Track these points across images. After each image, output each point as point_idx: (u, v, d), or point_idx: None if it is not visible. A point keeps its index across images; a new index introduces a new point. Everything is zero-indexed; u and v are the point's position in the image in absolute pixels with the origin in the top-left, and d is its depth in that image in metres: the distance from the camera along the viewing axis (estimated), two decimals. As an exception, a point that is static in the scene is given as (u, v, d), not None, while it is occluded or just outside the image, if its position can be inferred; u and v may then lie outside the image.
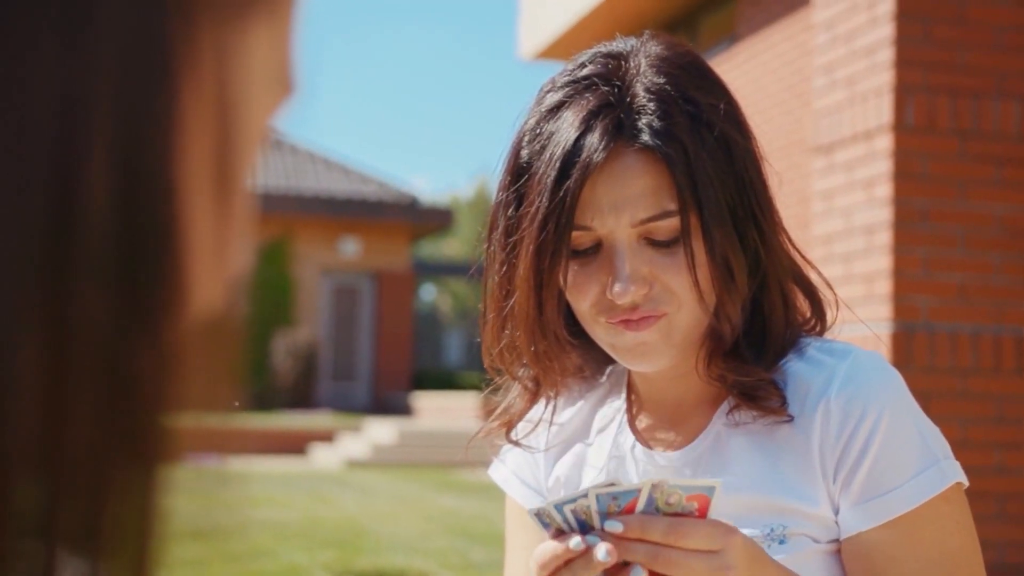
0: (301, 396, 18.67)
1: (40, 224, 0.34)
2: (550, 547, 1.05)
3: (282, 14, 0.41)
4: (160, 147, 0.36)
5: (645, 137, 1.13)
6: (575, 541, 1.03)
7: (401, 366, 20.51)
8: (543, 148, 1.16)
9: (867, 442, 1.16)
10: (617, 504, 1.04)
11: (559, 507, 1.05)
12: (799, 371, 1.20)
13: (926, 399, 4.64)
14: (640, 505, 1.04)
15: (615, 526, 1.03)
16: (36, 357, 0.34)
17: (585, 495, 1.04)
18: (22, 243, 0.34)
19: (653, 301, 1.15)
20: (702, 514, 1.04)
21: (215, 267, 0.40)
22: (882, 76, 4.88)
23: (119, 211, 0.35)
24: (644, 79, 1.16)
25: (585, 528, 1.05)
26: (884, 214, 4.84)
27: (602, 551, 1.02)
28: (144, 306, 0.36)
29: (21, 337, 0.34)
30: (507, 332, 1.23)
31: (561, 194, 1.13)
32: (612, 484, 1.04)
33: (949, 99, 4.87)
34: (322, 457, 14.51)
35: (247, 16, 0.39)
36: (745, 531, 1.14)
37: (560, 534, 1.05)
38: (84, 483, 0.35)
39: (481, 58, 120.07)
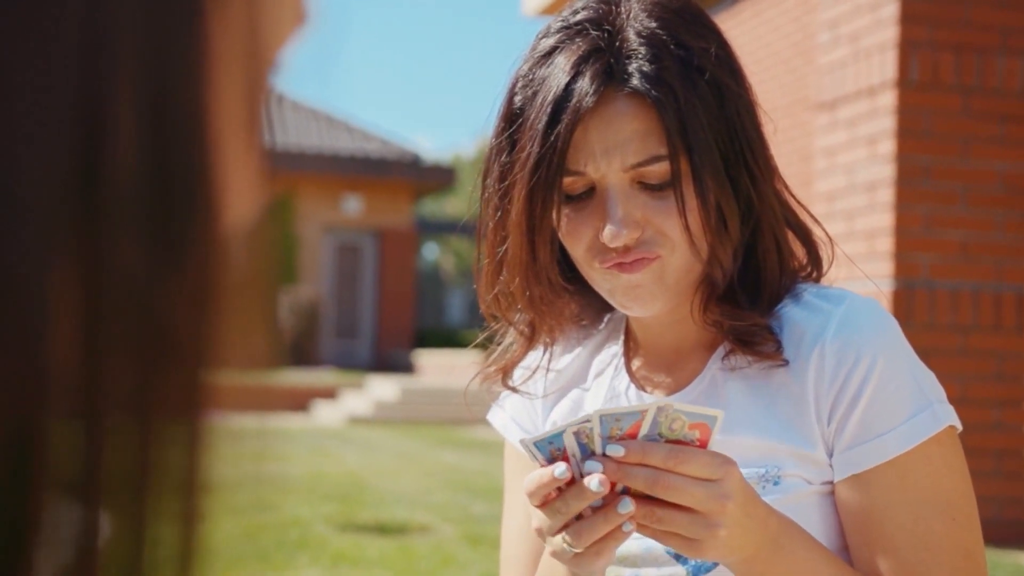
0: (304, 353, 18.72)
1: (68, 164, 0.34)
2: (537, 475, 1.05)
3: None
4: (190, 83, 0.36)
5: (635, 82, 1.13)
6: (560, 469, 1.03)
7: (403, 324, 20.55)
8: (535, 94, 1.17)
9: (861, 385, 1.16)
10: (620, 427, 1.03)
11: (555, 437, 1.04)
12: (795, 316, 1.21)
13: (926, 356, 4.64)
14: (644, 428, 1.04)
15: (616, 450, 1.02)
16: (69, 299, 0.34)
17: (587, 420, 1.03)
18: (50, 185, 0.34)
19: (646, 244, 1.16)
20: (703, 444, 1.04)
21: (249, 189, 0.40)
22: (886, 32, 4.85)
23: (149, 149, 0.35)
24: (635, 23, 1.16)
25: (586, 452, 1.04)
26: (886, 171, 4.83)
27: (595, 481, 1.02)
28: (177, 246, 0.35)
29: (53, 279, 0.33)
30: (502, 278, 1.23)
31: (552, 139, 1.14)
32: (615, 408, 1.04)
33: (953, 55, 4.84)
34: (325, 414, 14.57)
35: None
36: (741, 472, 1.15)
37: (551, 463, 1.05)
38: (124, 428, 0.35)
39: (485, 15, 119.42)
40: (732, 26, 9.13)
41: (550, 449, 1.05)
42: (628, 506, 1.02)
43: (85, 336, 0.34)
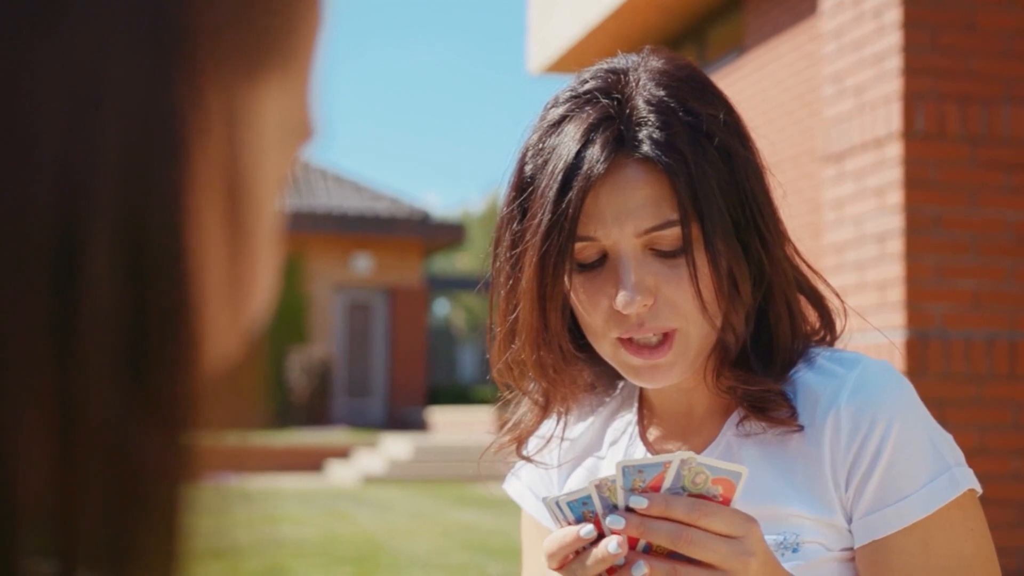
0: (316, 413, 18.69)
1: (43, 303, 0.33)
2: (559, 535, 1.04)
3: (296, 69, 0.40)
4: (169, 220, 0.35)
5: (646, 148, 1.14)
6: (587, 529, 1.03)
7: (415, 381, 20.52)
8: (546, 162, 1.17)
9: (878, 451, 1.16)
10: (643, 479, 1.03)
11: (571, 503, 1.04)
12: (809, 381, 1.20)
13: (941, 407, 4.63)
14: (667, 480, 1.03)
15: (640, 501, 1.02)
16: (41, 446, 0.33)
17: (598, 481, 1.03)
18: (23, 330, 0.33)
19: (657, 316, 1.15)
20: (726, 501, 1.04)
21: (232, 328, 0.39)
22: (891, 84, 4.88)
23: (126, 293, 0.34)
24: (644, 92, 1.17)
25: (607, 505, 1.03)
26: (895, 222, 4.83)
27: (612, 543, 1.01)
28: (154, 391, 0.35)
29: (25, 426, 0.33)
30: (514, 346, 1.23)
31: (563, 206, 1.14)
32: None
33: (958, 106, 4.86)
34: (338, 473, 14.51)
35: (257, 79, 0.38)
36: None
37: (579, 523, 1.04)
38: (96, 551, 0.34)
39: (491, 73, 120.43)
40: (735, 80, 9.19)
41: (583, 511, 1.04)
42: (642, 568, 1.01)
43: (57, 484, 0.33)
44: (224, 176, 0.37)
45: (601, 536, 1.03)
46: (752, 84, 9.08)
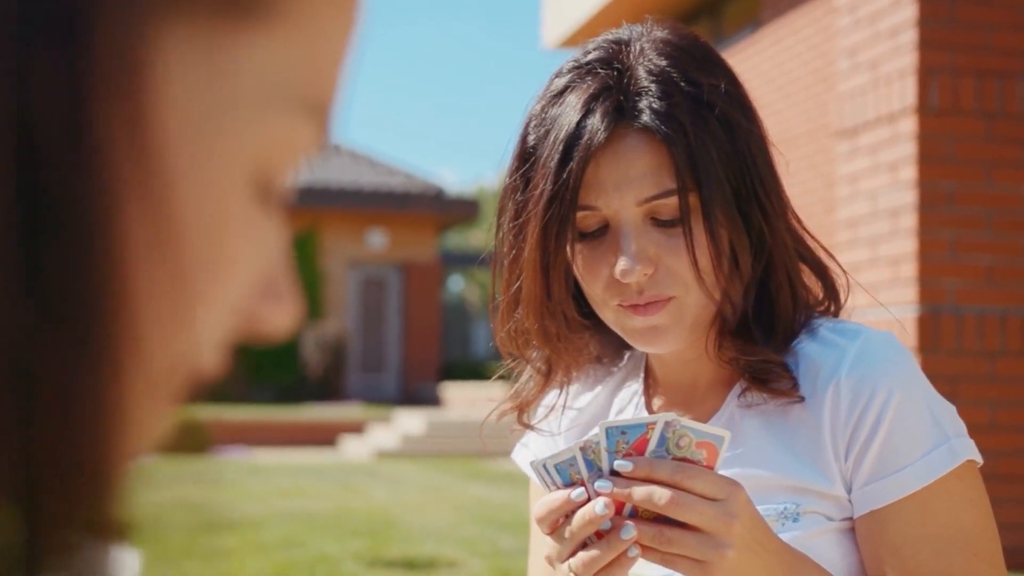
0: (330, 388, 18.76)
1: None
2: (548, 499, 1.05)
3: (286, 29, 0.36)
4: (86, 206, 0.32)
5: (645, 118, 1.14)
6: (577, 491, 1.04)
7: (429, 357, 20.56)
8: (547, 132, 1.18)
9: (877, 421, 1.16)
10: (626, 440, 1.04)
11: (558, 466, 1.05)
12: (811, 352, 1.21)
13: (954, 382, 4.62)
14: (652, 443, 1.04)
15: (625, 465, 1.03)
16: None
17: (582, 443, 1.03)
18: None
19: (657, 285, 1.16)
20: (709, 465, 1.05)
21: (171, 329, 0.35)
22: (906, 58, 4.85)
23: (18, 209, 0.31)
24: (645, 62, 1.17)
25: (592, 469, 1.04)
26: (909, 197, 4.82)
27: (599, 504, 1.02)
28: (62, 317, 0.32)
29: None
30: (517, 315, 1.24)
31: (565, 176, 1.15)
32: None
33: (974, 80, 4.83)
34: (352, 448, 14.58)
35: (224, 29, 0.35)
36: (759, 509, 1.15)
37: (568, 486, 1.05)
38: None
39: (506, 48, 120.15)
40: (751, 54, 9.14)
41: (570, 472, 1.05)
42: (630, 531, 1.03)
43: None
44: (132, 120, 0.33)
45: (589, 500, 1.04)
46: (768, 58, 9.03)
